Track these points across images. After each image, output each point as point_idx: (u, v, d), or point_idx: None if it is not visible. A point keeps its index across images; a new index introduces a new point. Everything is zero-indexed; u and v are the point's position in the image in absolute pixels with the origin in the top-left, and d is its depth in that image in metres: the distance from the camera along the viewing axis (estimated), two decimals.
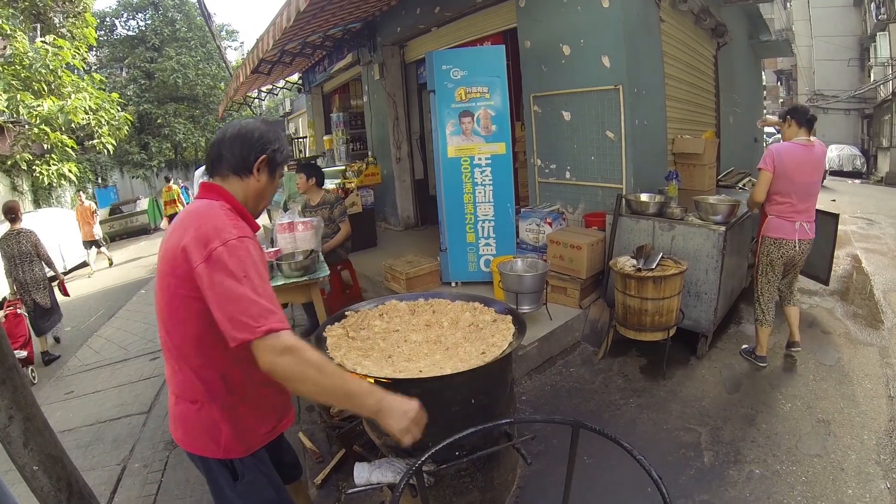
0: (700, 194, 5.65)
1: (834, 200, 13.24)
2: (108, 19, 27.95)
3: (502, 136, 5.55)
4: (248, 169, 1.89)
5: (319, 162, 11.07)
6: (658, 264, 4.16)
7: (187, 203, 16.16)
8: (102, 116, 15.17)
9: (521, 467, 3.20)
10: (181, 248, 1.68)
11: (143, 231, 19.25)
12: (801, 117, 4.06)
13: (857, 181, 22.39)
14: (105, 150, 15.82)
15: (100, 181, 22.29)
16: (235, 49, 34.10)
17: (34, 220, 12.29)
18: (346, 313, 2.87)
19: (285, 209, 10.12)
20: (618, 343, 4.68)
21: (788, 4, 26.57)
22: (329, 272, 4.45)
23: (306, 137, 16.47)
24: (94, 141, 15.53)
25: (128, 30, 28.95)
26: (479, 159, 5.59)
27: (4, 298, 7.41)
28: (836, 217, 5.35)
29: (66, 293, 7.76)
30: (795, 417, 3.64)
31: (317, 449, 3.71)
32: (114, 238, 17.92)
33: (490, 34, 7.01)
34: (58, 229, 12.67)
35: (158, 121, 27.15)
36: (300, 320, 6.22)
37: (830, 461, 3.16)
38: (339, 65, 10.93)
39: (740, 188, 7.14)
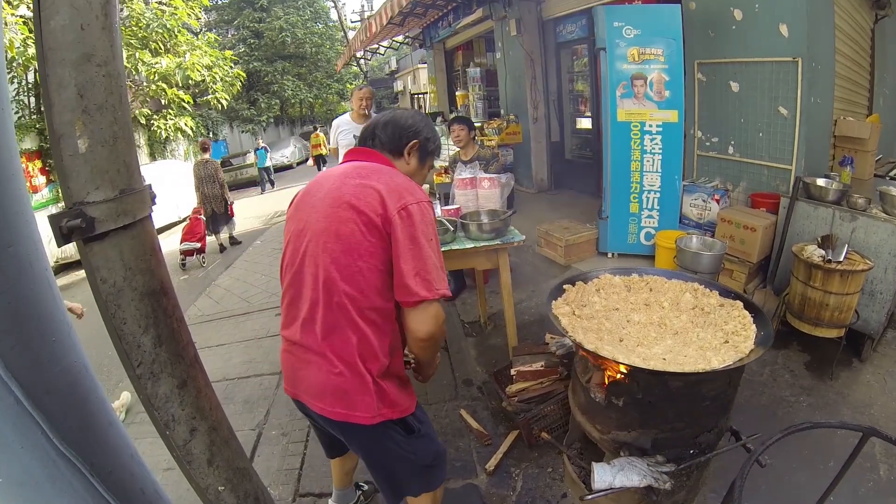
0: (859, 182, 5.36)
1: None
2: None
3: (675, 104, 5.32)
4: (399, 151, 2.01)
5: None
6: (846, 257, 3.88)
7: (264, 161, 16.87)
8: (217, 73, 15.66)
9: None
10: (374, 190, 1.75)
11: (252, 183, 19.91)
12: None
13: None
14: (219, 105, 16.35)
15: (210, 135, 23.12)
16: (340, 8, 34.60)
17: (151, 171, 13.01)
18: (564, 287, 2.74)
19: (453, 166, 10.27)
20: (779, 335, 4.39)
21: None
22: (524, 237, 3.94)
23: (427, 93, 16.55)
24: (209, 97, 16.07)
25: None
26: (650, 126, 5.38)
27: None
28: None
29: (231, 214, 9.98)
30: None
31: (483, 430, 3.47)
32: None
33: None
34: (174, 181, 13.33)
35: (267, 78, 27.77)
36: None
37: None
38: (467, 20, 10.63)
39: (891, 178, 6.76)
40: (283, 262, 2.00)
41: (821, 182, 4.64)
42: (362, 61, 22.48)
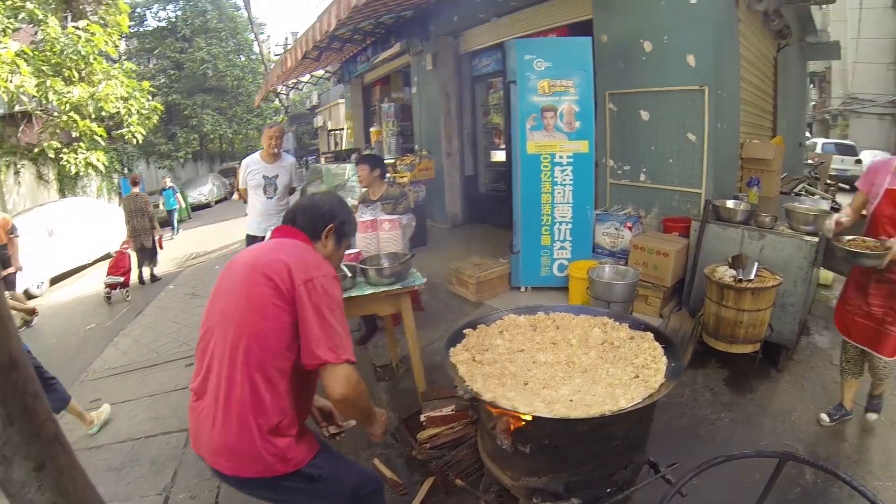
0: (766, 200, 5.63)
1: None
2: (138, 9, 27.96)
3: (586, 134, 5.35)
4: (317, 235, 2.21)
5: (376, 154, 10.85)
6: (756, 274, 3.99)
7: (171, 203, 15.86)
8: (133, 105, 15.05)
9: None
10: (283, 263, 1.93)
11: (168, 222, 19.00)
12: None
13: None
14: (134, 140, 15.68)
15: (126, 171, 22.18)
16: (263, 42, 34.17)
17: (58, 210, 12.25)
18: (464, 332, 2.64)
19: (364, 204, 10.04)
20: (697, 354, 4.53)
21: (823, 6, 26.03)
22: (424, 280, 3.90)
23: (343, 129, 16.32)
24: (124, 130, 15.40)
25: (158, 20, 28.99)
26: (561, 157, 5.37)
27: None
28: None
29: (161, 246, 10.37)
30: (883, 433, 3.63)
31: (398, 479, 3.35)
32: None
33: (557, 26, 6.78)
34: (85, 220, 12.59)
35: (186, 112, 27.05)
36: (352, 326, 5.85)
37: None
38: (385, 54, 10.64)
39: (795, 194, 7.00)
40: (202, 318, 2.11)
41: (729, 204, 4.80)
42: (283, 96, 22.00)
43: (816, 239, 4.16)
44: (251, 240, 5.54)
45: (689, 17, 5.04)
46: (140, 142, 16.50)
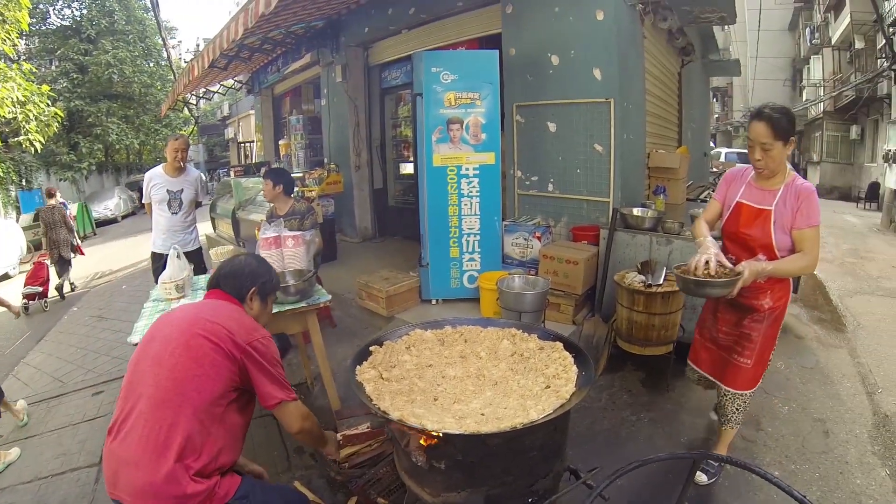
0: (673, 207, 5.81)
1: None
2: (41, 5, 25.87)
3: (492, 146, 5.36)
4: (242, 298, 2.35)
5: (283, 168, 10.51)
6: (665, 279, 4.10)
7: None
8: (31, 110, 14.00)
9: None
10: (224, 329, 2.07)
11: None
12: None
13: None
14: (32, 148, 14.61)
15: (24, 183, 20.75)
16: (173, 48, 32.67)
17: None
18: (371, 349, 2.59)
19: (232, 218, 9.65)
20: (612, 358, 4.63)
21: (725, 27, 27.60)
22: (330, 297, 3.87)
23: (253, 142, 15.87)
24: (21, 138, 14.36)
25: (62, 19, 26.61)
26: (467, 169, 5.37)
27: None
28: None
29: (81, 253, 10.60)
30: (794, 419, 3.83)
31: (320, 500, 3.21)
32: (38, 246, 16.50)
33: (466, 39, 6.84)
34: None
35: (90, 119, 25.21)
36: None
37: (835, 457, 3.40)
38: (295, 65, 10.49)
39: (701, 200, 7.27)
40: (130, 361, 2.16)
41: (637, 211, 4.98)
42: (193, 105, 20.92)
43: (719, 242, 4.28)
44: (156, 257, 5.29)
45: (596, 32, 5.17)
46: (39, 151, 15.28)
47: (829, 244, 10.34)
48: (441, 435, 1.96)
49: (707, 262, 2.63)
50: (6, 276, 12.66)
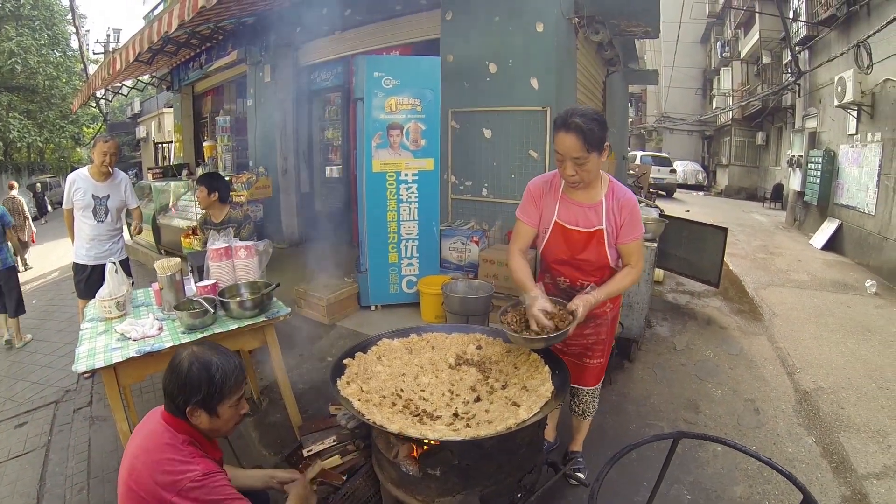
0: None
1: (688, 211, 14.47)
2: None
3: (431, 152, 5.37)
4: (184, 416, 1.96)
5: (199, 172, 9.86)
6: None
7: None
8: None
9: None
10: (150, 476, 1.83)
11: None
12: None
13: (701, 193, 25.39)
14: None
15: None
16: (82, 36, 30.68)
17: None
18: (345, 362, 2.53)
19: (153, 225, 9.13)
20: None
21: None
22: (289, 310, 3.59)
23: (172, 142, 15.13)
24: None
25: None
26: (406, 175, 5.36)
27: None
28: (725, 230, 5.75)
29: (33, 240, 11.65)
30: (727, 401, 4.23)
31: None
32: None
33: (402, 44, 6.85)
34: None
35: None
36: None
37: (767, 430, 3.82)
38: (220, 62, 10.07)
39: None
40: None
41: None
42: (102, 101, 19.52)
43: (655, 244, 4.61)
44: (79, 269, 4.94)
45: (536, 43, 5.32)
46: None
47: (741, 241, 11.22)
48: (440, 443, 2.00)
49: (546, 312, 2.37)
50: None
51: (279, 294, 3.59)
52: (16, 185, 12.12)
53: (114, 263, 3.55)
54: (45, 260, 11.32)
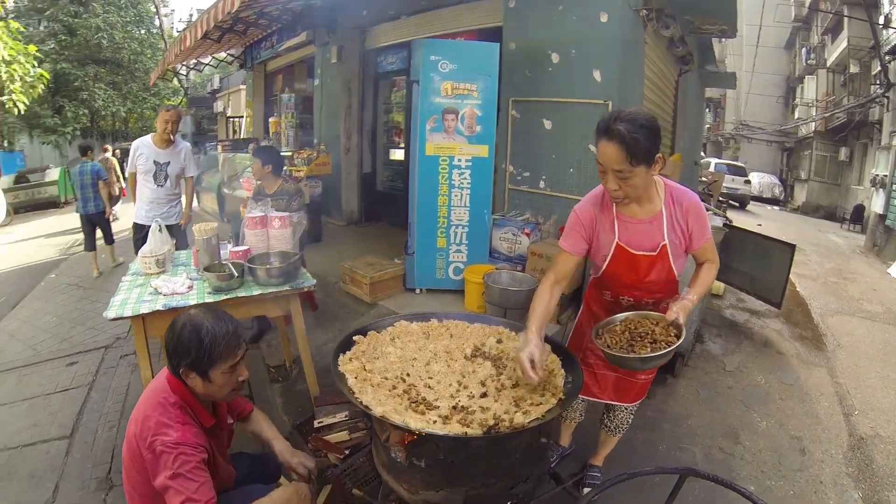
0: None
1: (760, 225, 13.85)
2: None
3: (486, 139, 5.27)
4: (178, 377, 1.98)
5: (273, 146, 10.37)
6: None
7: None
8: (16, 70, 13.64)
9: None
10: (138, 422, 1.91)
11: (52, 204, 17.41)
12: None
13: (776, 208, 24.27)
14: (15, 109, 14.26)
15: (6, 144, 20.33)
16: (166, 16, 32.08)
17: None
18: (354, 339, 2.48)
19: (218, 193, 9.53)
20: None
21: (723, 39, 27.77)
22: (314, 281, 3.71)
23: (243, 117, 15.65)
24: (4, 97, 13.99)
25: None
26: (459, 160, 5.28)
27: None
28: (793, 247, 5.44)
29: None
30: (772, 435, 3.90)
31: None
32: (18, 210, 16.22)
33: (466, 30, 6.73)
34: None
35: (76, 83, 24.57)
36: (244, 324, 5.52)
37: (810, 475, 3.46)
38: (290, 42, 10.28)
39: None
40: None
41: None
42: (183, 76, 20.51)
43: None
44: (138, 228, 5.29)
45: (599, 33, 5.10)
46: (23, 112, 14.93)
47: (813, 262, 10.60)
48: (421, 434, 1.88)
49: (532, 362, 2.08)
50: None
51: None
52: (109, 147, 12.44)
53: (158, 223, 3.88)
54: (123, 217, 11.79)
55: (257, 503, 1.96)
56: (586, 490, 3.03)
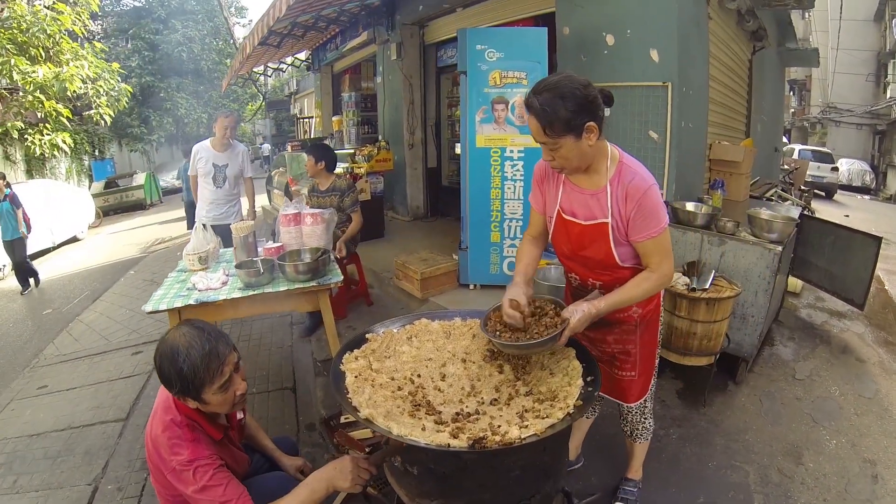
0: (734, 204, 5.37)
1: (847, 216, 12.96)
2: None
3: None
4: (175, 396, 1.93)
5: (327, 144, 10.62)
6: (712, 283, 3.74)
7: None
8: (101, 86, 14.63)
9: None
10: (152, 447, 1.94)
11: (139, 206, 18.70)
12: None
13: (867, 197, 22.55)
14: (102, 121, 15.28)
15: (97, 153, 21.66)
16: (244, 26, 33.37)
17: (24, 190, 11.83)
18: (368, 336, 2.33)
19: (289, 197, 9.77)
20: None
21: (807, 14, 26.21)
22: (342, 277, 3.80)
23: (313, 118, 16.07)
24: (92, 111, 15.00)
25: (135, 0, 28.17)
26: (511, 151, 5.15)
27: None
28: (878, 240, 4.84)
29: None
30: (842, 456, 3.39)
31: None
32: (108, 212, 17.48)
33: (521, 18, 6.61)
34: (47, 203, 12.04)
35: (160, 94, 26.26)
36: (298, 317, 5.69)
37: None
38: (353, 43, 10.49)
39: (767, 199, 6.82)
40: None
41: (689, 206, 4.49)
42: (259, 82, 21.50)
43: (780, 248, 3.91)
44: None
45: (655, 11, 4.82)
46: (109, 123, 16.07)
47: None
48: (404, 445, 1.74)
49: (512, 301, 2.10)
50: (75, 239, 13.30)
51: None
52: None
53: (203, 222, 3.97)
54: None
55: (302, 484, 1.94)
56: None
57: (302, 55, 13.94)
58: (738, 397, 4.05)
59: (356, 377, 2.01)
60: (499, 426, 1.76)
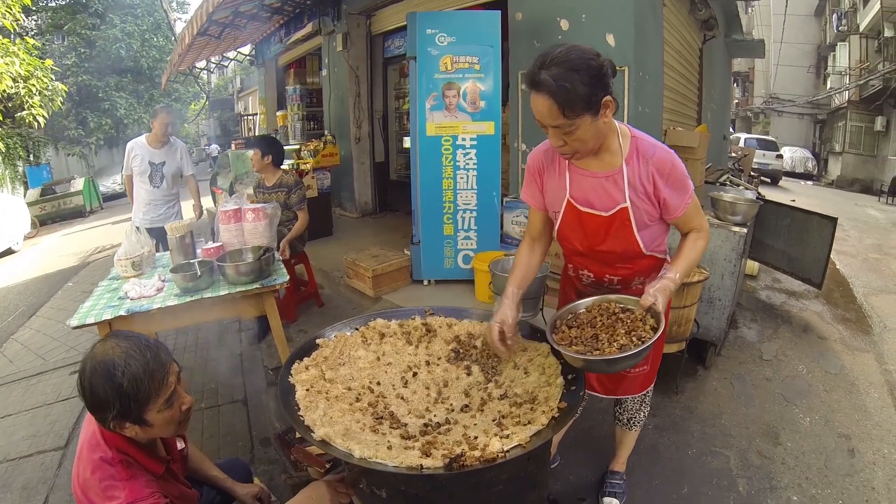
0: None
1: (793, 200, 13.25)
2: None
3: (491, 115, 4.94)
4: (111, 429, 1.61)
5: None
6: None
7: None
8: (34, 85, 13.86)
9: None
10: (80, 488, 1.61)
11: (78, 214, 17.74)
12: None
13: (809, 183, 23.40)
14: (36, 123, 14.48)
15: (31, 158, 20.62)
16: (185, 22, 32.47)
17: None
18: (318, 341, 2.10)
19: (231, 193, 9.41)
20: None
21: (750, 9, 26.94)
22: (288, 277, 3.48)
23: (257, 115, 15.67)
24: (24, 113, 14.20)
25: None
26: (464, 139, 4.97)
27: None
28: (834, 221, 4.97)
29: None
30: (817, 433, 3.46)
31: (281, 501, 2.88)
32: (45, 221, 16.45)
33: (472, 5, 6.41)
34: None
35: (99, 94, 24.99)
36: (246, 322, 5.31)
37: (860, 480, 3.03)
38: (298, 35, 10.15)
39: (720, 184, 6.86)
40: None
41: None
42: (203, 79, 20.79)
43: (745, 230, 3.92)
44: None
45: None
46: (43, 125, 15.23)
47: (852, 237, 10.08)
48: (368, 469, 1.52)
49: (501, 332, 1.88)
50: (10, 252, 12.43)
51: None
52: None
53: (135, 225, 3.75)
54: None
55: None
56: (606, 499, 2.67)
57: (245, 49, 13.47)
58: (710, 382, 4.05)
59: (308, 390, 1.78)
60: (475, 437, 1.56)
